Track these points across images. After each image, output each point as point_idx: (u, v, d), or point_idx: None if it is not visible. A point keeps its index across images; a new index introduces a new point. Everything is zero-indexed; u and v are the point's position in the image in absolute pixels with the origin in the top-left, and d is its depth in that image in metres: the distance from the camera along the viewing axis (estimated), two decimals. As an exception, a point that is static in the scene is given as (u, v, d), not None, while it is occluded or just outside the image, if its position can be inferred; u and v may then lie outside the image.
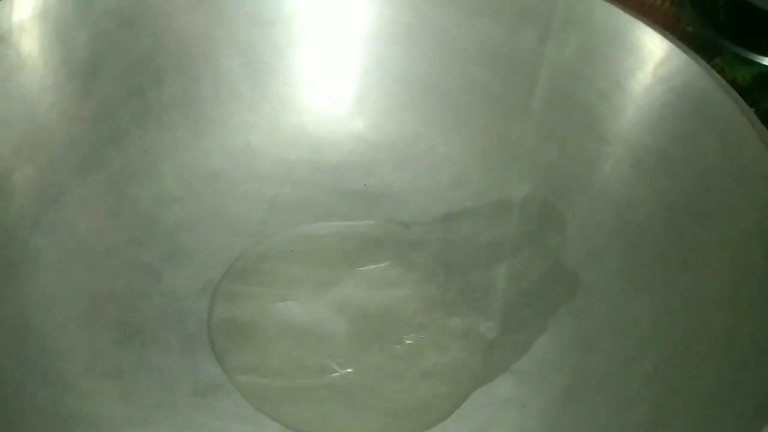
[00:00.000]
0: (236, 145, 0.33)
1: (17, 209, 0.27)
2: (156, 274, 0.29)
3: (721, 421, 0.22)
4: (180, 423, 0.25)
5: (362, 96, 0.34)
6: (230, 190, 0.32)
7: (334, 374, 0.27)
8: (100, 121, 0.30)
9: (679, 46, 0.28)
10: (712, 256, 0.26)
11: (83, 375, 0.25)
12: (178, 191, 0.31)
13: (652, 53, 0.29)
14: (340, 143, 0.34)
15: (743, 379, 0.22)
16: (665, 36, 0.29)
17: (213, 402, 0.26)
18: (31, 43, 0.28)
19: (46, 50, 0.29)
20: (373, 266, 0.31)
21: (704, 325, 0.25)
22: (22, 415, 0.22)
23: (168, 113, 0.32)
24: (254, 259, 0.31)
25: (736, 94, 0.27)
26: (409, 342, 0.28)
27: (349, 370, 0.27)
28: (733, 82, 0.30)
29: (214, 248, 0.30)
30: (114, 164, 0.30)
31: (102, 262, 0.28)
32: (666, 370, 0.24)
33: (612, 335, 0.27)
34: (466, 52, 0.33)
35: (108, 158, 0.30)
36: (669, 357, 0.25)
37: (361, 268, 0.31)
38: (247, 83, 0.33)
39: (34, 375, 0.23)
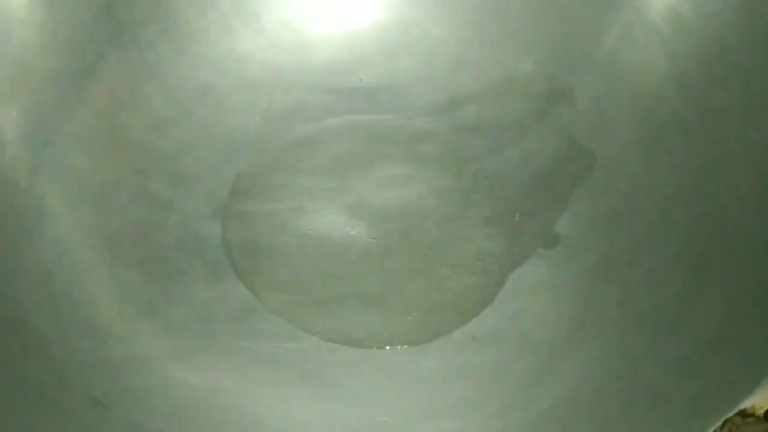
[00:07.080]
0: (219, 54, 0.31)
1: (11, 158, 0.25)
2: (165, 204, 0.28)
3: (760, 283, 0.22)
4: (223, 351, 0.25)
5: (345, -17, 0.32)
6: (221, 104, 0.31)
7: (364, 280, 0.27)
8: (75, 50, 0.28)
9: None
10: (734, 119, 0.25)
11: (117, 318, 0.24)
12: (169, 112, 0.30)
13: None
14: (328, 38, 0.32)
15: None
16: None
17: (250, 325, 0.26)
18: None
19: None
20: (383, 165, 0.30)
21: (732, 191, 0.24)
22: (72, 368, 0.22)
23: (144, 30, 0.30)
24: (261, 174, 0.30)
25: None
26: (432, 238, 0.28)
27: (377, 273, 0.27)
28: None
29: (217, 168, 0.29)
30: (97, 94, 0.28)
31: (109, 199, 0.27)
32: (696, 240, 0.24)
33: (635, 209, 0.27)
34: None
35: (90, 89, 0.28)
36: (698, 226, 0.25)
37: (371, 170, 0.30)
38: (221, -15, 0.31)
39: (71, 327, 0.23)
